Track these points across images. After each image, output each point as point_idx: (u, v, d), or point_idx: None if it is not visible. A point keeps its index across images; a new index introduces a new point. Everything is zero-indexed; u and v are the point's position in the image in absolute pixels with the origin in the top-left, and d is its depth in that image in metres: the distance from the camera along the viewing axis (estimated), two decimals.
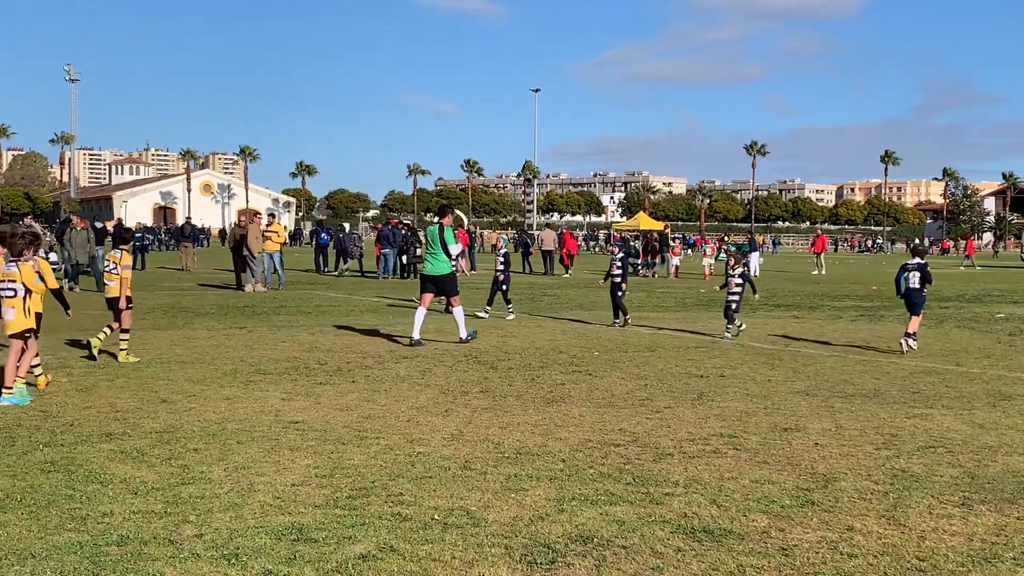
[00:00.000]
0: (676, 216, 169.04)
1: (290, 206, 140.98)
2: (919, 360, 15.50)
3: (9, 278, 11.20)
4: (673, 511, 7.11)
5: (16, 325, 11.22)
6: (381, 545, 6.28)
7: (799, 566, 6.02)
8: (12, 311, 11.20)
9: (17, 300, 11.19)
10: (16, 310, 11.19)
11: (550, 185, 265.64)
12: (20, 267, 11.23)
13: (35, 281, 11.31)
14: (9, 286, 11.19)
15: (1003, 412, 11.14)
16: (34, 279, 11.28)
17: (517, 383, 12.85)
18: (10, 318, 11.22)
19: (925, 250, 18.10)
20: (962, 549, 6.35)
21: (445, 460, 8.57)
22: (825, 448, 9.20)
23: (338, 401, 11.40)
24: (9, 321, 11.23)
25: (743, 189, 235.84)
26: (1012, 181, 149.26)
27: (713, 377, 13.52)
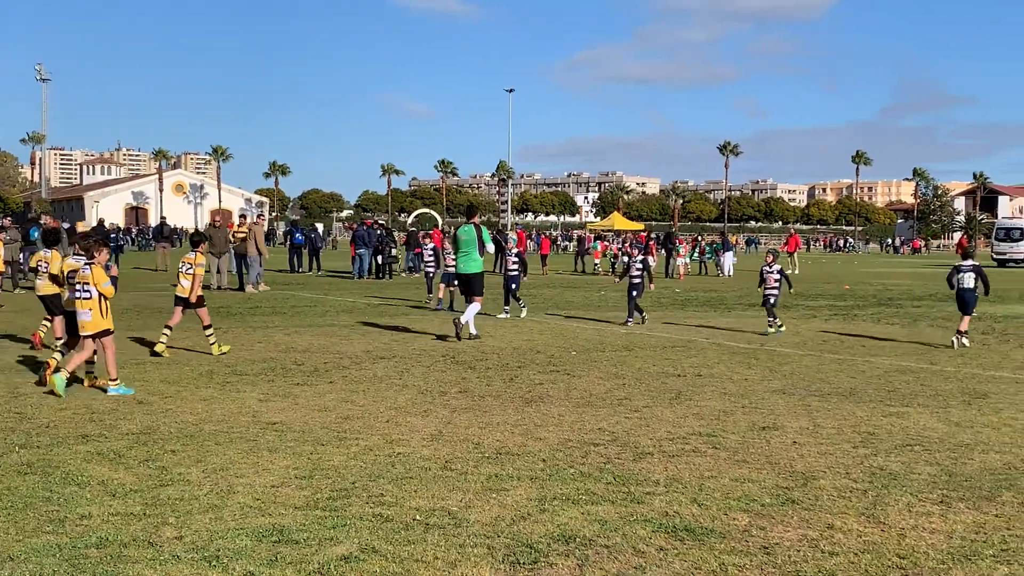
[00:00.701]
0: (650, 216, 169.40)
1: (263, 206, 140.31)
2: (894, 358, 15.60)
3: (84, 280, 11.56)
4: (654, 510, 7.12)
5: (94, 325, 11.59)
6: (363, 546, 6.25)
7: (781, 564, 6.04)
8: (89, 312, 11.55)
9: (93, 301, 11.53)
10: (93, 311, 11.56)
11: (524, 185, 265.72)
12: (93, 270, 11.60)
13: (104, 285, 11.65)
14: (85, 288, 11.54)
15: (978, 410, 11.22)
16: (104, 282, 11.64)
17: (495, 383, 12.84)
18: (87, 319, 11.58)
19: (974, 251, 18.64)
20: (942, 547, 6.39)
21: (425, 460, 8.55)
22: (803, 446, 9.24)
23: (316, 402, 11.35)
24: (87, 322, 11.58)
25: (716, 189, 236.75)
26: (981, 181, 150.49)
27: (690, 376, 13.56)
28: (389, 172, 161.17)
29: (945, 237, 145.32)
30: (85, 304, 11.56)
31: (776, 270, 19.85)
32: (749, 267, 49.78)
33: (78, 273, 11.69)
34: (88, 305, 11.56)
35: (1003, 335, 19.54)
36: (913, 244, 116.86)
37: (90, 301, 11.55)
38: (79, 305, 11.60)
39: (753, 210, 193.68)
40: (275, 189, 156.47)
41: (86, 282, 11.54)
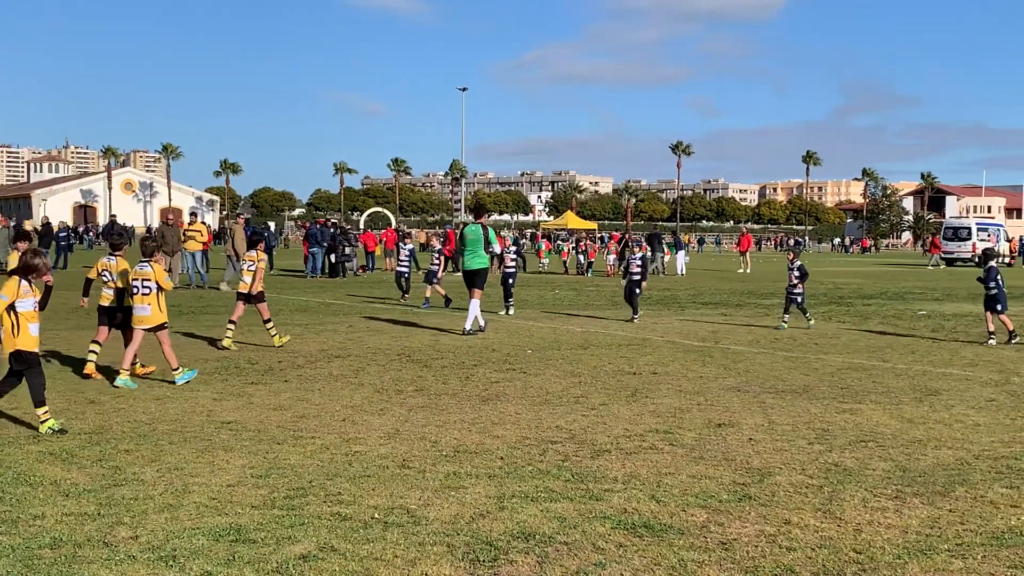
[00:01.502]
0: (603, 215, 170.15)
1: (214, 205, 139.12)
2: (846, 356, 15.76)
3: (144, 277, 12.19)
4: (613, 507, 7.14)
5: (153, 319, 12.26)
6: (321, 545, 6.21)
7: (739, 560, 6.08)
8: (148, 307, 12.22)
9: (152, 297, 12.20)
10: (152, 306, 12.23)
11: (477, 184, 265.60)
12: (153, 267, 12.29)
13: (166, 279, 12.43)
14: (145, 284, 12.19)
15: (930, 407, 11.36)
16: (165, 277, 12.42)
17: (452, 381, 12.81)
18: (146, 314, 12.22)
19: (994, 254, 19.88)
20: (898, 541, 6.46)
21: (383, 459, 8.51)
22: (759, 443, 9.31)
23: (271, 400, 11.27)
24: (145, 316, 12.23)
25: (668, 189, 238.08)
26: (929, 181, 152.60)
27: (646, 374, 13.62)
28: (342, 171, 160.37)
29: (894, 237, 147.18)
30: (145, 300, 12.19)
31: (796, 267, 20.42)
32: (702, 266, 50.14)
33: (138, 271, 12.27)
34: (147, 300, 12.19)
35: (952, 332, 19.80)
36: (862, 243, 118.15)
37: (149, 296, 12.18)
38: (138, 301, 12.21)
39: (705, 209, 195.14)
40: (226, 187, 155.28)
41: (147, 278, 12.19)
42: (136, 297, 12.24)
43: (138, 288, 12.22)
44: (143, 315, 12.23)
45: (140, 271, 12.25)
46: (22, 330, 9.46)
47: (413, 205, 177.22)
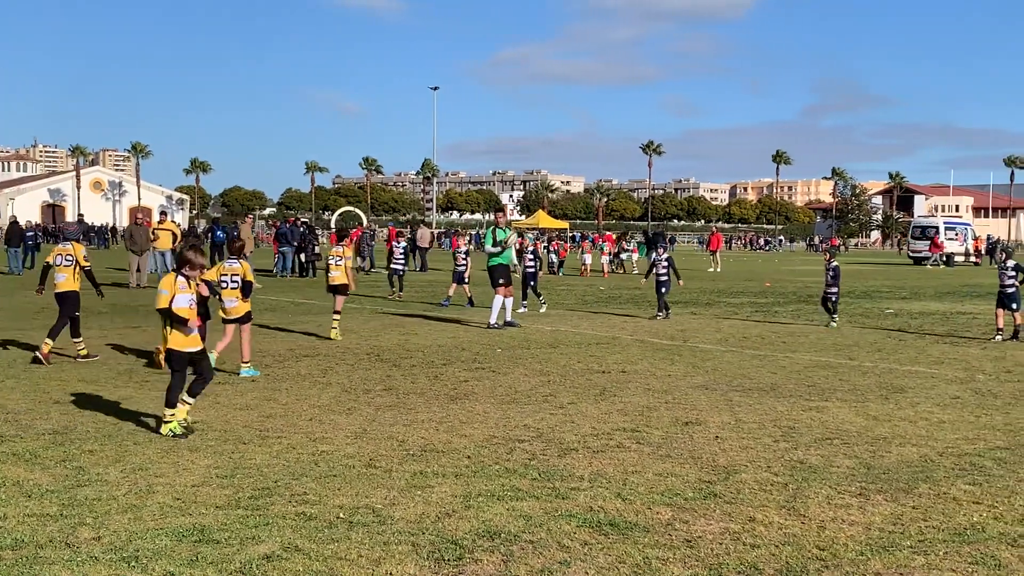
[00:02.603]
0: (574, 214, 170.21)
1: (183, 204, 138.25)
2: (813, 354, 15.86)
3: (232, 272, 13.18)
4: (579, 505, 7.15)
5: (238, 310, 13.18)
6: (286, 545, 6.19)
7: (703, 557, 6.10)
8: (235, 300, 13.14)
9: (238, 291, 13.12)
10: (239, 299, 13.16)
11: (449, 183, 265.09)
12: (241, 263, 13.28)
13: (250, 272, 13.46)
14: (233, 279, 13.14)
15: (895, 404, 11.45)
16: (250, 271, 13.42)
17: (420, 380, 12.80)
18: (233, 305, 13.15)
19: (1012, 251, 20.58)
20: (861, 538, 6.50)
21: (349, 458, 8.49)
22: (725, 441, 9.35)
23: (238, 400, 11.21)
24: (232, 308, 13.15)
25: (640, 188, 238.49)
26: (898, 180, 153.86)
27: (614, 373, 13.64)
28: (312, 170, 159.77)
29: (863, 236, 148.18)
30: (232, 293, 13.12)
31: (832, 267, 21.08)
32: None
33: (227, 267, 13.31)
34: (235, 294, 13.13)
35: (919, 330, 19.95)
36: (831, 242, 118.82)
37: (236, 291, 13.13)
38: (226, 294, 13.12)
39: (676, 209, 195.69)
40: (196, 186, 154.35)
41: (236, 273, 13.16)
42: (224, 291, 13.14)
43: (227, 282, 13.15)
44: (230, 307, 13.17)
45: (229, 267, 13.27)
46: (173, 330, 9.46)
47: (385, 204, 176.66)
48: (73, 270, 14.39)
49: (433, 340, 17.24)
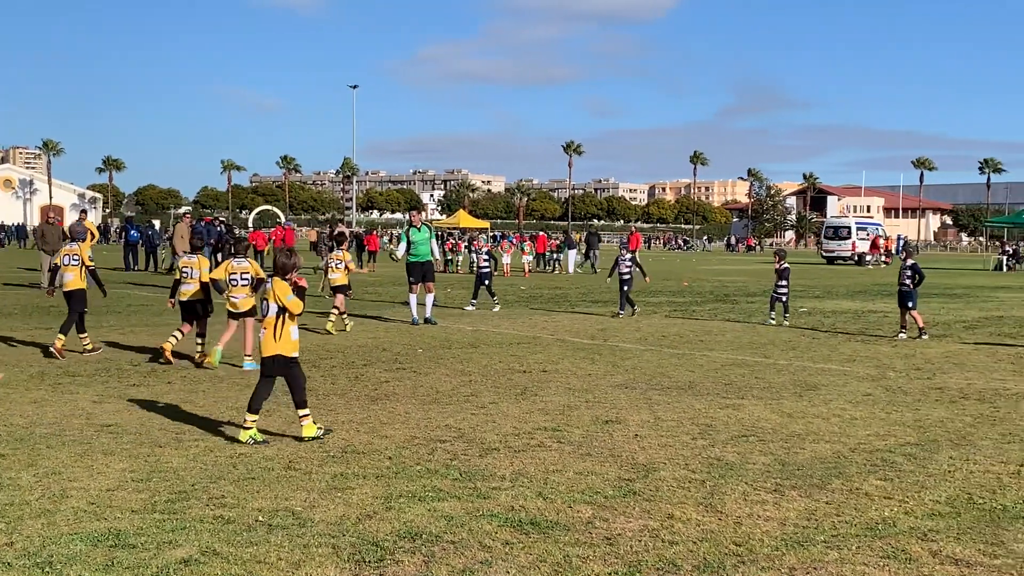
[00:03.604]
0: (495, 214, 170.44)
1: (96, 202, 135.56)
2: (730, 353, 16.09)
3: (242, 271, 13.87)
4: (500, 505, 7.18)
5: (247, 304, 13.87)
6: (203, 549, 6.12)
7: (623, 555, 6.17)
8: (243, 295, 13.84)
9: (248, 288, 13.87)
10: (246, 296, 13.85)
11: (369, 182, 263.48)
12: (250, 262, 14.06)
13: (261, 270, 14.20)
14: (244, 277, 13.86)
15: (809, 401, 11.67)
16: (259, 270, 14.10)
17: (340, 381, 12.72)
18: (240, 299, 13.84)
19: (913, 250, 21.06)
20: (776, 533, 6.62)
21: (268, 460, 8.41)
22: (645, 439, 9.45)
23: (154, 403, 11.04)
24: (239, 302, 13.85)
25: (560, 188, 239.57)
26: (812, 181, 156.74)
27: (536, 372, 13.71)
28: (229, 168, 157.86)
29: (778, 235, 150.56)
30: (242, 289, 13.82)
31: (781, 269, 21.25)
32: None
33: (236, 265, 13.92)
34: (244, 291, 13.83)
35: (832, 329, 20.35)
36: (748, 242, 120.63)
37: (247, 287, 13.83)
38: (236, 291, 13.84)
39: (596, 209, 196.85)
40: (109, 185, 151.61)
41: (245, 272, 13.87)
42: (235, 288, 13.84)
43: (236, 280, 13.83)
44: (237, 301, 13.87)
45: (238, 265, 13.90)
46: (285, 333, 9.24)
47: (303, 203, 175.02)
48: (80, 269, 15.24)
49: (353, 340, 17.14)
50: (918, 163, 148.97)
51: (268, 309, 9.22)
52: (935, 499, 7.51)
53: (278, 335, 9.17)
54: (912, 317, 18.72)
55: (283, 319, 9.19)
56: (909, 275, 18.88)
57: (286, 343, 9.21)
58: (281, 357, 9.20)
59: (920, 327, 18.63)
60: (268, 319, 9.21)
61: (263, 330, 9.27)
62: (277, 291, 9.17)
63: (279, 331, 9.18)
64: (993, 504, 7.40)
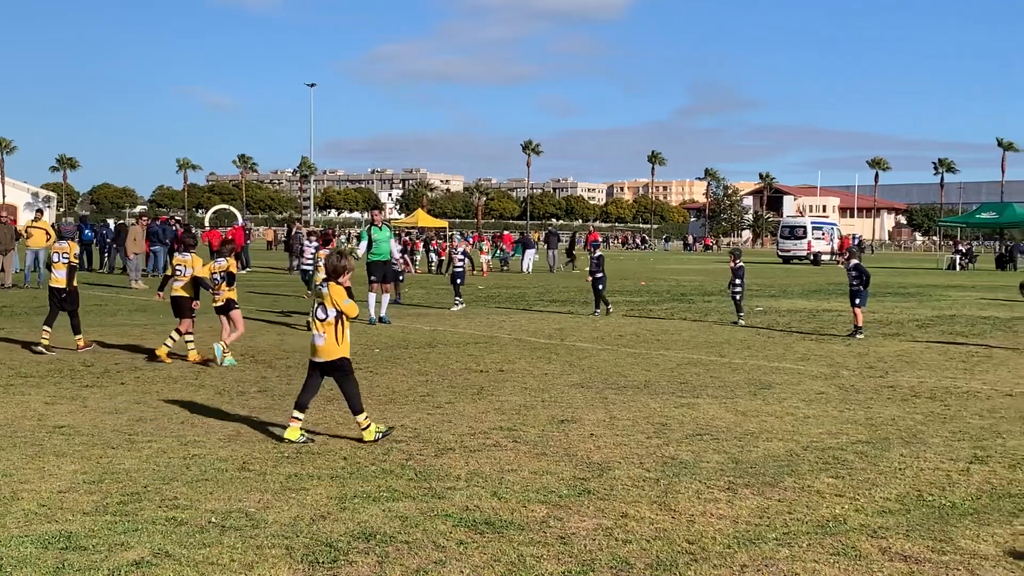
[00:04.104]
0: (454, 213, 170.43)
1: (50, 201, 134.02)
2: (686, 352, 16.19)
3: (220, 269, 14.49)
4: (455, 505, 7.19)
5: (221, 300, 14.49)
6: (155, 551, 6.08)
7: (577, 553, 6.19)
8: (221, 291, 14.48)
9: (224, 284, 14.46)
10: (225, 290, 14.45)
11: (327, 181, 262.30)
12: (227, 260, 14.67)
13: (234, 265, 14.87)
14: (222, 275, 14.44)
15: (763, 400, 11.77)
16: (236, 267, 14.84)
17: (296, 382, 12.62)
18: (220, 295, 14.47)
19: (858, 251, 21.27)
20: (729, 531, 6.68)
21: (222, 462, 8.37)
22: (600, 438, 9.49)
23: (106, 404, 10.95)
24: (219, 298, 14.49)
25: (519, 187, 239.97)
26: (768, 181, 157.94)
27: (492, 372, 13.72)
28: (185, 167, 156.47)
29: (735, 235, 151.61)
30: (220, 286, 14.40)
31: (736, 268, 21.53)
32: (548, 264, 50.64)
33: (215, 265, 14.58)
34: (221, 287, 14.39)
35: (787, 328, 20.52)
36: (705, 241, 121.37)
37: (222, 285, 14.40)
38: (219, 288, 14.43)
39: (555, 208, 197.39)
40: (63, 183, 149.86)
41: (224, 270, 14.47)
42: (220, 285, 14.42)
43: (218, 279, 14.41)
44: (217, 297, 14.51)
45: (218, 265, 14.53)
46: (344, 335, 9.29)
47: (260, 203, 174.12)
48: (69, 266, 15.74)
49: (309, 340, 17.01)
50: (873, 163, 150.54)
51: (325, 313, 9.27)
52: (885, 496, 7.61)
53: (339, 339, 9.28)
54: (853, 313, 18.98)
55: (342, 322, 9.27)
56: (854, 275, 19.14)
57: (346, 345, 9.38)
58: (347, 360, 9.40)
59: (858, 325, 18.85)
60: (327, 323, 9.25)
61: (321, 334, 9.29)
62: (334, 295, 9.22)
63: (340, 335, 9.28)
64: (942, 501, 7.50)
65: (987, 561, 6.17)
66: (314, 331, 9.42)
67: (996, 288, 36.34)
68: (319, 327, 9.31)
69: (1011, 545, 6.49)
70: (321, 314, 9.29)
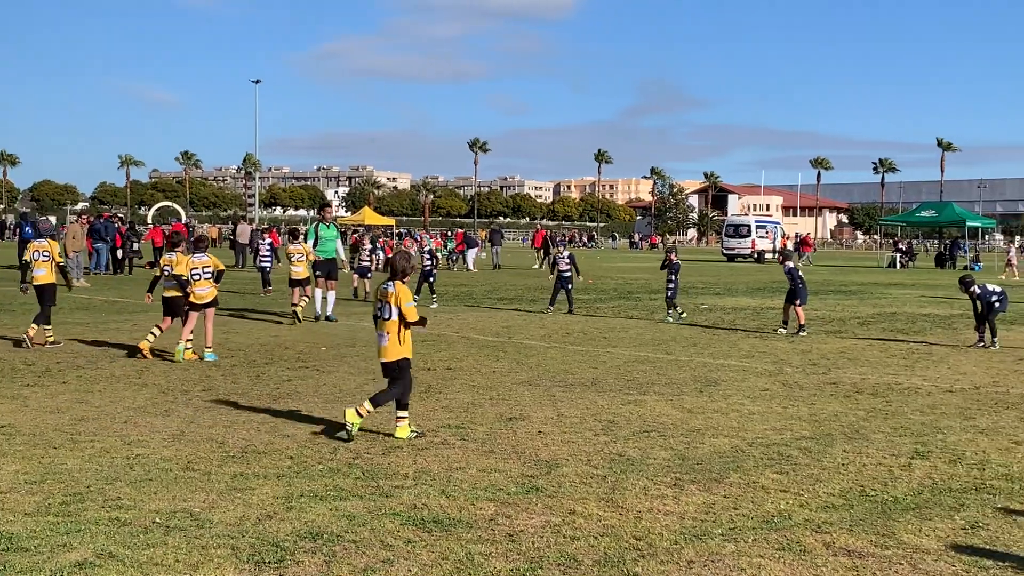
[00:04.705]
0: (401, 211, 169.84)
1: None
2: (632, 349, 16.27)
3: (203, 265, 14.58)
4: (403, 503, 7.17)
5: (209, 296, 14.59)
6: (98, 551, 6.00)
7: (525, 551, 6.20)
8: (208, 288, 14.58)
9: (210, 281, 14.60)
10: (211, 288, 14.63)
11: (272, 179, 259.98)
12: (209, 257, 14.73)
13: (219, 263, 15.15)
14: (205, 271, 14.56)
15: (709, 397, 11.86)
16: (219, 263, 14.99)
17: (242, 380, 12.57)
18: (205, 292, 14.55)
19: (791, 254, 21.70)
20: (675, 527, 6.73)
21: (166, 461, 8.28)
22: (548, 436, 9.52)
23: (48, 403, 10.78)
24: (204, 294, 14.51)
25: (466, 185, 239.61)
26: (713, 180, 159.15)
27: (440, 370, 13.70)
28: (128, 163, 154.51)
29: (680, 233, 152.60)
30: (205, 283, 14.52)
31: (669, 264, 21.82)
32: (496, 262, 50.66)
33: (196, 260, 14.56)
34: (207, 283, 14.52)
35: (732, 325, 20.70)
36: (651, 240, 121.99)
37: (209, 280, 14.53)
38: (199, 285, 14.48)
39: (502, 206, 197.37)
40: (2, 180, 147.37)
41: (207, 266, 14.59)
42: (199, 282, 14.46)
43: (199, 275, 14.47)
44: (202, 293, 14.50)
45: (199, 260, 14.59)
46: (407, 337, 9.33)
47: (204, 200, 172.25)
48: (50, 265, 15.98)
49: (255, 339, 16.94)
50: (815, 163, 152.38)
51: (389, 313, 9.29)
52: (829, 492, 7.70)
53: (402, 339, 9.35)
54: (796, 313, 19.20)
55: (405, 322, 9.33)
56: (788, 275, 19.38)
57: (408, 346, 9.43)
58: (407, 361, 9.44)
59: (800, 323, 19.07)
60: (391, 322, 9.29)
61: (385, 334, 9.33)
62: (400, 295, 9.30)
63: (403, 335, 9.35)
64: (884, 496, 7.61)
65: (929, 555, 6.27)
66: (378, 331, 9.50)
67: (935, 286, 36.93)
68: (383, 326, 9.38)
69: (952, 539, 6.60)
70: (385, 313, 9.36)
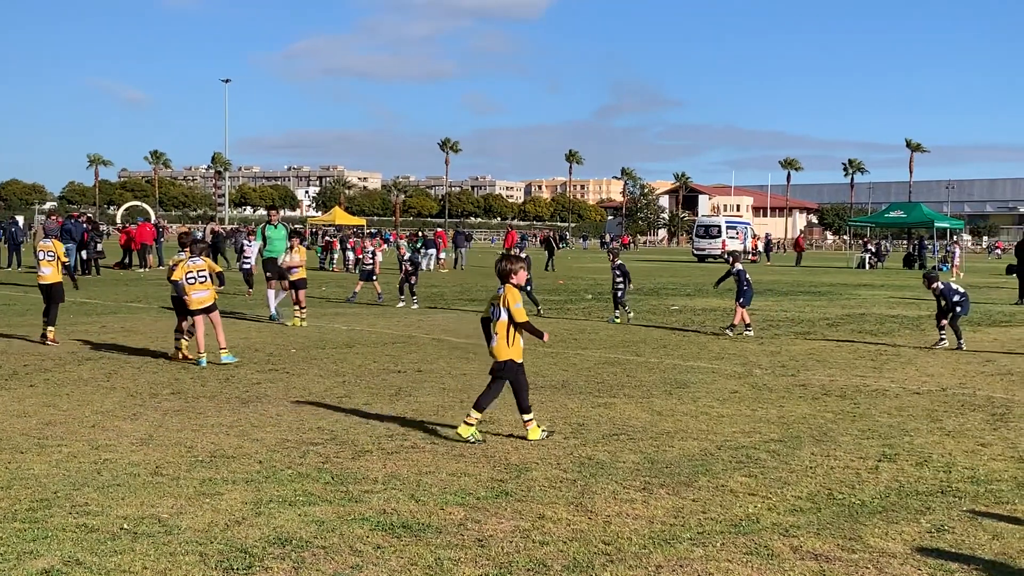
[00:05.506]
0: (372, 211, 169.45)
1: None
2: (603, 351, 16.31)
3: (198, 268, 14.47)
4: (372, 508, 7.16)
5: (208, 299, 14.44)
6: (66, 559, 5.96)
7: (494, 556, 6.21)
8: (206, 291, 14.43)
9: (207, 283, 14.50)
10: (210, 291, 14.50)
11: (242, 178, 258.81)
12: (205, 260, 14.75)
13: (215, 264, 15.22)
14: (200, 274, 14.44)
15: (679, 399, 11.91)
16: (214, 265, 15.06)
17: (211, 383, 12.50)
18: (203, 296, 14.38)
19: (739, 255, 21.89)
20: (644, 531, 6.75)
21: (134, 466, 8.23)
22: (518, 439, 9.52)
23: (14, 407, 10.70)
24: (203, 298, 14.37)
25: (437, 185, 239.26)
26: (684, 181, 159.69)
27: (411, 372, 13.68)
28: (96, 163, 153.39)
29: (651, 234, 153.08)
30: (203, 287, 14.41)
31: (616, 266, 22.00)
32: (470, 263, 50.66)
33: (192, 264, 14.50)
34: (204, 287, 14.42)
35: (702, 327, 20.78)
36: (623, 240, 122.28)
37: (206, 283, 14.45)
38: (195, 289, 14.36)
39: (473, 206, 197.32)
40: None
41: (201, 269, 14.50)
42: (192, 286, 14.33)
43: (194, 278, 14.37)
44: (202, 297, 14.37)
45: (194, 264, 14.50)
46: (516, 338, 9.38)
47: (174, 199, 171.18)
48: (56, 264, 16.46)
49: (239, 340, 16.82)
50: (785, 163, 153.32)
51: (499, 314, 9.35)
52: (797, 495, 7.75)
53: (511, 340, 9.39)
54: (736, 310, 19.40)
55: (514, 324, 9.37)
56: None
57: (517, 349, 9.45)
58: (512, 363, 9.45)
59: (745, 323, 19.29)
60: (500, 323, 9.35)
61: (495, 335, 9.40)
62: (509, 298, 9.33)
63: (511, 337, 9.39)
64: (852, 499, 7.67)
65: (895, 559, 6.33)
66: (487, 332, 9.61)
67: (904, 287, 37.22)
68: (493, 327, 9.44)
69: (918, 542, 6.66)
70: (495, 315, 9.43)
